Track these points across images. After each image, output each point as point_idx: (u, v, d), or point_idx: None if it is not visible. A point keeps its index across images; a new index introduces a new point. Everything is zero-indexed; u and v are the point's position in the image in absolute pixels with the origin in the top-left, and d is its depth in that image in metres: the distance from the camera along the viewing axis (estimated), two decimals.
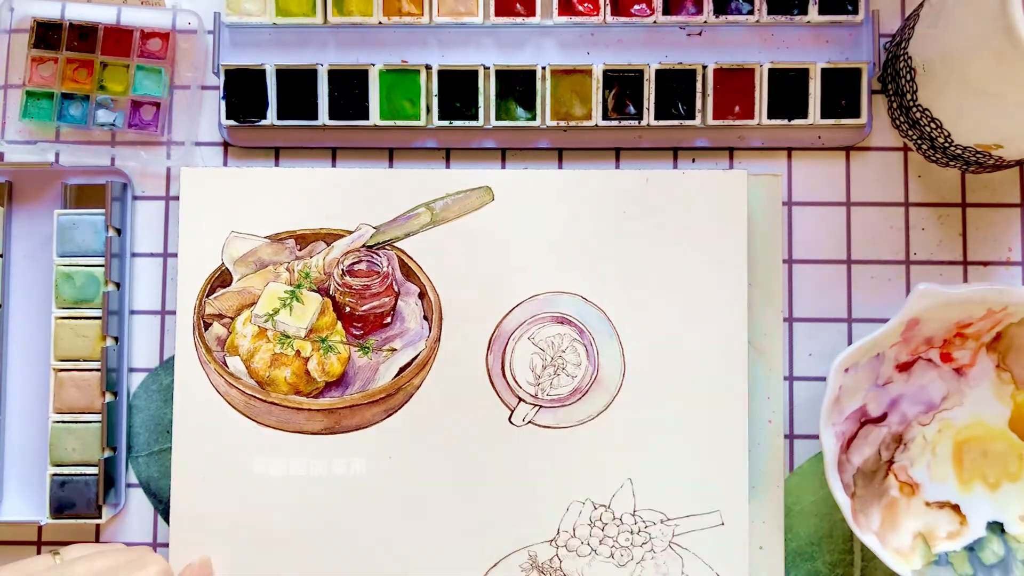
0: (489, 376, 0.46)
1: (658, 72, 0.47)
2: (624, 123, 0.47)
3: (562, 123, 0.47)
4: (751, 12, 0.47)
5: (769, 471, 0.47)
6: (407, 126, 0.48)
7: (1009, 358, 0.46)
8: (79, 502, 0.46)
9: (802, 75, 0.47)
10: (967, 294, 0.43)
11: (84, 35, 0.48)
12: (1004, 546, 0.45)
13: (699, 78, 0.47)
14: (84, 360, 0.47)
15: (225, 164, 0.49)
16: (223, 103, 0.48)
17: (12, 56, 0.49)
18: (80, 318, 0.47)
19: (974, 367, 0.46)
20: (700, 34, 0.48)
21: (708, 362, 0.46)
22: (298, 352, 0.46)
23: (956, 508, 0.46)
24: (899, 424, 0.46)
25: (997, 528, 0.46)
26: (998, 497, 0.46)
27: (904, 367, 0.46)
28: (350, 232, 0.47)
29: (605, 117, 0.47)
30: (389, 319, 0.47)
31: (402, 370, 0.46)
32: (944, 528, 0.46)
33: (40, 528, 0.48)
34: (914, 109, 0.45)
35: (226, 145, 0.49)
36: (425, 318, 0.46)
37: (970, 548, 0.45)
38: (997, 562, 0.45)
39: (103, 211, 0.47)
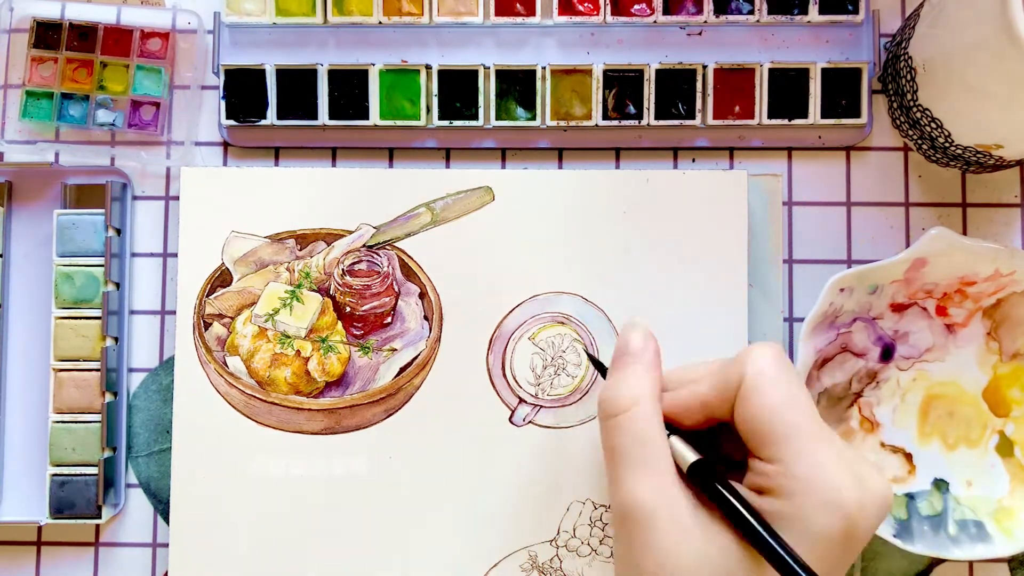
0: (489, 376, 0.46)
1: (658, 72, 0.47)
2: (624, 123, 0.47)
3: (562, 123, 0.47)
4: (751, 12, 0.47)
5: None
6: (407, 126, 0.48)
7: (1002, 328, 0.46)
8: (79, 502, 0.46)
9: (802, 75, 0.47)
10: (980, 247, 0.43)
11: (84, 35, 0.48)
12: (944, 504, 0.45)
13: (699, 78, 0.47)
14: (84, 360, 0.47)
15: (225, 164, 0.49)
16: (223, 103, 0.48)
17: (12, 56, 0.49)
18: (80, 318, 0.47)
19: (966, 328, 0.47)
20: (700, 34, 0.48)
21: None
22: (298, 352, 0.46)
23: (909, 457, 0.46)
24: (877, 362, 0.47)
25: (943, 485, 0.46)
26: (952, 458, 0.46)
27: (899, 308, 0.46)
28: (350, 232, 0.47)
29: (605, 117, 0.47)
30: (389, 319, 0.47)
31: (402, 370, 0.46)
32: (892, 471, 0.46)
33: (40, 528, 0.48)
34: (914, 109, 0.45)
35: (226, 145, 0.49)
36: (425, 318, 0.46)
37: (910, 496, 0.45)
38: (932, 515, 0.45)
39: (103, 211, 0.47)
